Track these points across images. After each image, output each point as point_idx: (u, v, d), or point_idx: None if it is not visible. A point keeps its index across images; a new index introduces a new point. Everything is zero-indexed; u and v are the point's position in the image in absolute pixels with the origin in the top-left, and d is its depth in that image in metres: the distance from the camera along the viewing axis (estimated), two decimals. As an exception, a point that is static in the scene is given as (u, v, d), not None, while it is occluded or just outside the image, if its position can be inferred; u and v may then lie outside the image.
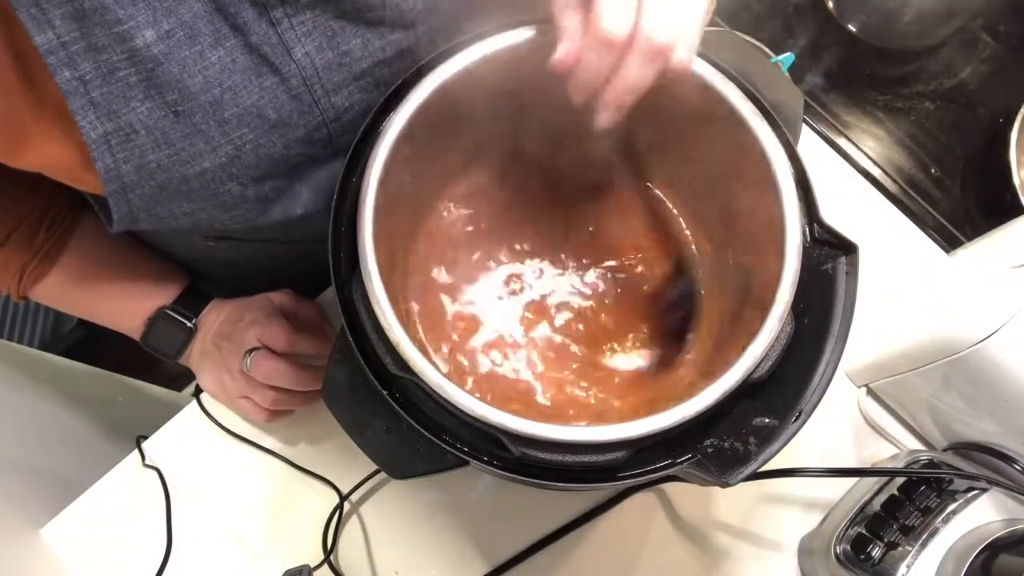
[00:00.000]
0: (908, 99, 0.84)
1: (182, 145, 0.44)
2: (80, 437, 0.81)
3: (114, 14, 0.38)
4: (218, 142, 0.45)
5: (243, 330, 0.60)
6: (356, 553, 0.63)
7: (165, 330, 0.61)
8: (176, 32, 0.41)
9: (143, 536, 0.64)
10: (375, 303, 0.40)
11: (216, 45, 0.42)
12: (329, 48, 0.46)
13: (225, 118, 0.44)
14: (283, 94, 0.46)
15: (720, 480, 0.38)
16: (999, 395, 0.52)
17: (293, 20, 0.44)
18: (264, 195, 0.50)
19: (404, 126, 0.43)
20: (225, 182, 0.47)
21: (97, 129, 0.41)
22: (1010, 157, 0.74)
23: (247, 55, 0.44)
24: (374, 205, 0.42)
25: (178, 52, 0.41)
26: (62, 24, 0.38)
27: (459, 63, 0.44)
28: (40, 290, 0.58)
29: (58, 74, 0.39)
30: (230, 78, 0.43)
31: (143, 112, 0.42)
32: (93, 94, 0.40)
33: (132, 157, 0.43)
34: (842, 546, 0.56)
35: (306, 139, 0.49)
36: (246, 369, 0.59)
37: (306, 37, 0.45)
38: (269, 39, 0.44)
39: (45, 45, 0.38)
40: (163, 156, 0.44)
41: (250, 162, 0.47)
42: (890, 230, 0.72)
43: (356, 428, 0.43)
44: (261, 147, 0.47)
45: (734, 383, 0.38)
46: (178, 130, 0.43)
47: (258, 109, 0.45)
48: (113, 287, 0.61)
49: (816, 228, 0.43)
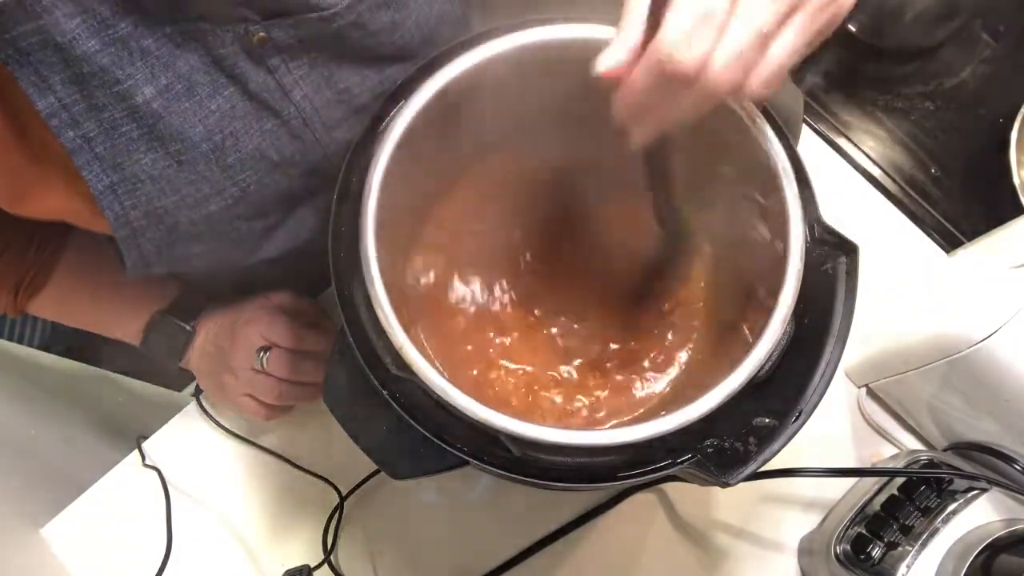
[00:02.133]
0: (908, 99, 0.84)
1: (188, 191, 0.44)
2: (80, 437, 0.81)
3: (112, 75, 0.39)
4: (223, 186, 0.45)
5: (243, 329, 0.60)
6: (356, 553, 0.63)
7: (164, 334, 0.61)
8: (175, 85, 0.41)
9: (143, 536, 0.63)
10: (377, 305, 0.40)
11: (214, 95, 0.43)
12: (327, 87, 0.47)
13: (228, 163, 0.45)
14: (284, 135, 0.47)
15: (720, 480, 0.38)
16: (999, 395, 0.52)
17: (290, 65, 0.45)
18: (271, 226, 0.51)
19: (406, 127, 0.43)
20: (232, 221, 0.48)
21: (103, 180, 0.41)
22: (1010, 157, 0.74)
23: (246, 101, 0.44)
24: (376, 206, 0.42)
25: (177, 105, 0.42)
26: (62, 88, 0.38)
27: (463, 64, 0.44)
28: (37, 304, 0.58)
29: (62, 135, 0.39)
30: (231, 124, 0.44)
31: (147, 163, 0.42)
32: (97, 150, 0.40)
33: (140, 204, 0.43)
34: (842, 546, 0.56)
35: (309, 173, 0.50)
36: (262, 366, 0.59)
37: (303, 80, 0.46)
38: (267, 85, 0.44)
39: (47, 109, 0.38)
40: (170, 202, 0.44)
41: (254, 200, 0.48)
42: (890, 230, 0.72)
43: (356, 428, 0.43)
44: (266, 186, 0.48)
45: (739, 384, 0.38)
46: (183, 177, 0.44)
47: (260, 152, 0.46)
48: (109, 296, 0.61)
49: (816, 228, 0.43)
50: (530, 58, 0.45)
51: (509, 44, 0.44)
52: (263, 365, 0.59)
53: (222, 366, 0.61)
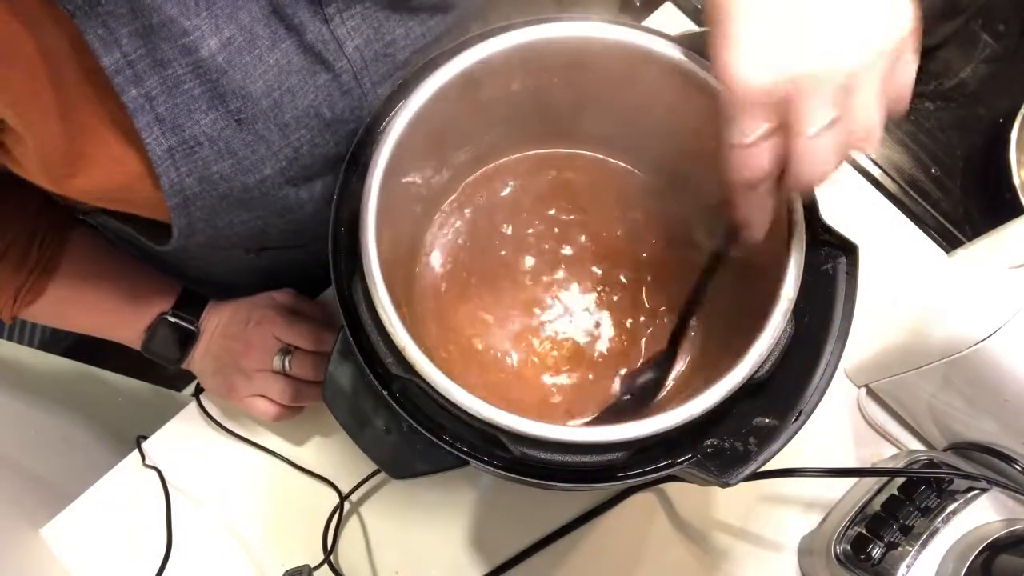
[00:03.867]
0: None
1: (244, 154, 0.44)
2: (80, 437, 0.81)
3: (180, 26, 0.38)
4: (279, 146, 0.45)
5: (257, 331, 0.60)
6: (356, 553, 0.63)
7: (168, 336, 0.61)
8: (236, 38, 0.41)
9: (143, 536, 0.63)
10: (378, 305, 0.39)
11: (273, 48, 0.43)
12: (376, 40, 0.47)
13: (285, 121, 0.45)
14: (336, 91, 0.47)
15: (720, 480, 0.38)
16: (999, 395, 0.52)
17: (344, 15, 0.45)
18: (315, 194, 0.51)
19: (406, 126, 0.43)
20: (283, 186, 0.48)
21: (162, 144, 0.41)
22: (1010, 157, 0.74)
23: (301, 55, 0.44)
24: (376, 206, 0.42)
25: (239, 58, 0.41)
26: (128, 42, 0.38)
27: (462, 63, 0.44)
28: (35, 310, 0.57)
29: (125, 92, 0.39)
30: (287, 80, 0.44)
31: (207, 123, 0.42)
32: (159, 110, 0.40)
33: (196, 169, 0.43)
34: (842, 546, 0.56)
35: (352, 134, 0.49)
36: (285, 369, 0.59)
37: (355, 31, 0.46)
38: (322, 36, 0.44)
39: (112, 65, 0.38)
40: (226, 166, 0.44)
41: (306, 163, 0.48)
42: (890, 230, 0.72)
43: (356, 428, 0.43)
44: (317, 147, 0.47)
45: (738, 382, 0.38)
46: (240, 138, 0.44)
47: (315, 109, 0.46)
48: (109, 300, 0.61)
49: (816, 228, 0.43)
50: (530, 57, 0.45)
51: (508, 43, 0.44)
52: (285, 367, 0.59)
53: (231, 367, 0.60)
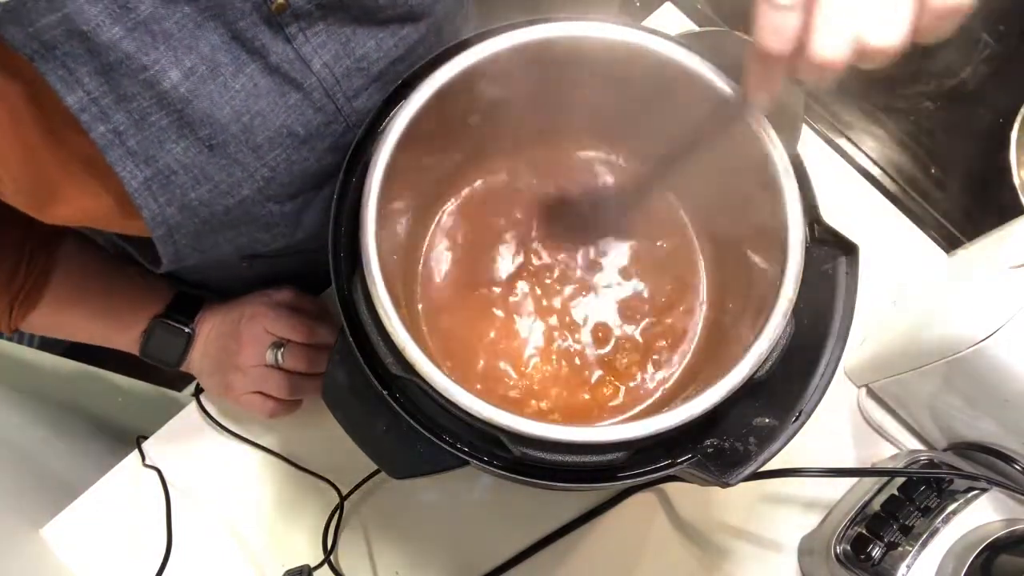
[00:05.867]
0: (908, 99, 0.84)
1: (220, 177, 0.44)
2: (80, 437, 0.81)
3: (138, 61, 0.38)
4: (254, 168, 0.45)
5: (249, 326, 0.60)
6: (356, 553, 0.63)
7: (163, 339, 0.61)
8: (198, 67, 0.41)
9: (143, 536, 0.63)
10: (379, 305, 0.39)
11: (238, 73, 0.43)
12: (346, 55, 0.47)
13: (257, 143, 0.45)
14: (308, 108, 0.46)
15: (720, 480, 0.38)
16: (999, 395, 0.52)
17: (307, 33, 0.44)
18: (301, 208, 0.51)
19: (406, 126, 0.43)
20: (264, 204, 0.48)
21: (137, 177, 0.41)
22: (1010, 157, 0.74)
23: (268, 77, 0.44)
24: (377, 206, 0.42)
25: (203, 87, 0.41)
26: (90, 80, 0.38)
27: (462, 63, 0.44)
28: (31, 321, 0.57)
29: (93, 130, 0.39)
30: (256, 103, 0.44)
31: (179, 152, 0.42)
32: (129, 143, 0.40)
33: (175, 198, 0.43)
34: (842, 546, 0.56)
35: (335, 147, 0.49)
36: (277, 362, 0.59)
37: (322, 48, 0.45)
38: (287, 56, 0.44)
39: (77, 104, 0.38)
40: (204, 192, 0.44)
41: (285, 180, 0.48)
42: (890, 230, 0.72)
43: (356, 428, 0.43)
44: (294, 164, 0.48)
45: (738, 382, 0.38)
46: (214, 163, 0.44)
47: (287, 128, 0.46)
48: (103, 308, 0.61)
49: (816, 228, 0.43)
50: (529, 57, 0.45)
51: (508, 43, 0.44)
52: (278, 360, 0.59)
53: (228, 365, 0.60)
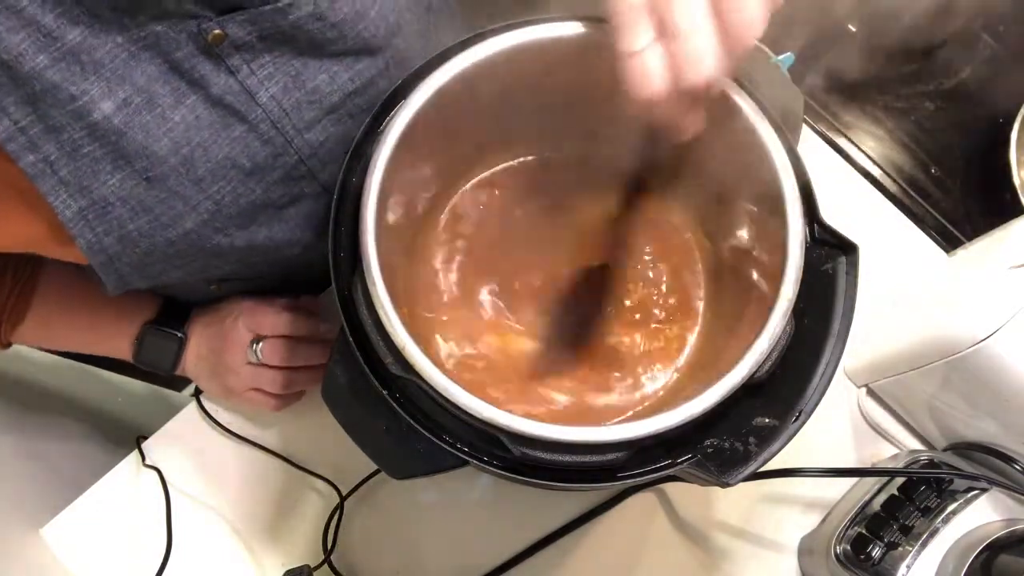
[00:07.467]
0: (908, 99, 0.84)
1: (160, 210, 0.43)
2: (80, 437, 0.80)
3: (66, 92, 0.37)
4: (196, 200, 0.44)
5: (232, 326, 0.60)
6: (356, 553, 0.63)
7: (156, 345, 0.61)
8: (133, 99, 0.39)
9: (143, 536, 0.63)
10: (378, 305, 0.39)
11: (177, 105, 0.41)
12: (296, 88, 0.45)
13: (199, 175, 0.43)
14: (254, 140, 0.45)
15: (720, 480, 0.38)
16: (999, 395, 0.52)
17: (252, 66, 0.43)
18: (255, 242, 0.50)
19: (405, 127, 0.43)
20: (211, 236, 0.46)
21: (71, 207, 0.40)
22: (1010, 157, 0.74)
23: (210, 109, 0.43)
24: (376, 206, 0.42)
25: (138, 119, 0.40)
26: (16, 110, 0.37)
27: (461, 63, 0.44)
28: (22, 333, 0.57)
29: (22, 159, 0.38)
30: (197, 135, 0.42)
31: (115, 184, 0.41)
32: (61, 173, 0.39)
33: (112, 229, 0.42)
34: (842, 546, 0.56)
35: (286, 179, 0.48)
36: (257, 359, 0.58)
37: (269, 80, 0.44)
38: (231, 88, 0.43)
39: (3, 133, 0.37)
40: (143, 224, 0.43)
41: (232, 212, 0.46)
42: (890, 230, 0.72)
43: (356, 428, 0.43)
44: (241, 196, 0.46)
45: (738, 382, 0.38)
46: (153, 196, 0.42)
47: (231, 160, 0.44)
48: (93, 316, 0.60)
49: (816, 228, 0.43)
50: (527, 57, 0.45)
51: (506, 43, 0.44)
52: (259, 357, 0.58)
53: (221, 367, 0.60)
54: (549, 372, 0.52)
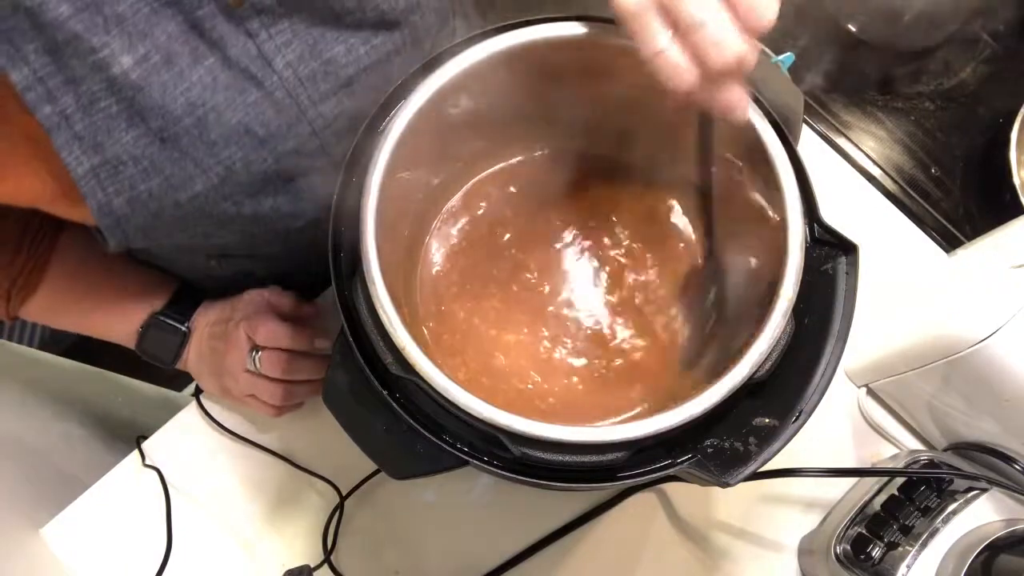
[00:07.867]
0: (908, 99, 0.84)
1: (172, 171, 0.43)
2: (80, 437, 0.80)
3: (88, 43, 0.37)
4: (208, 164, 0.44)
5: (235, 330, 0.59)
6: (356, 553, 0.63)
7: (159, 336, 0.61)
8: (152, 55, 0.40)
9: (143, 536, 0.63)
10: (379, 305, 0.39)
11: (195, 64, 0.41)
12: (312, 58, 0.45)
13: (212, 139, 0.43)
14: (268, 108, 0.45)
15: (720, 480, 0.38)
16: (999, 395, 0.52)
17: (271, 30, 0.43)
18: (261, 211, 0.50)
19: (406, 126, 0.43)
20: (219, 203, 0.46)
21: (84, 164, 0.40)
22: (1010, 157, 0.74)
23: (227, 71, 0.43)
24: (376, 206, 0.42)
25: (157, 76, 0.40)
26: (37, 58, 0.37)
27: (461, 63, 0.44)
28: (29, 309, 0.57)
29: (39, 110, 0.38)
30: (213, 97, 0.43)
31: (129, 142, 0.41)
32: (76, 128, 0.39)
33: (123, 190, 0.42)
34: (842, 546, 0.56)
35: (297, 151, 0.48)
36: (256, 368, 0.58)
37: (286, 47, 0.44)
38: (248, 51, 0.43)
39: (22, 82, 0.37)
40: (154, 185, 0.43)
41: (242, 180, 0.46)
42: (890, 230, 0.72)
43: (356, 428, 0.43)
44: (252, 164, 0.46)
45: (738, 382, 0.38)
46: (166, 156, 0.42)
47: (245, 126, 0.44)
48: (102, 298, 0.60)
49: (816, 228, 0.43)
50: (529, 56, 0.45)
51: (507, 43, 0.44)
52: (257, 367, 0.58)
53: (220, 368, 0.60)
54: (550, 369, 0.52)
